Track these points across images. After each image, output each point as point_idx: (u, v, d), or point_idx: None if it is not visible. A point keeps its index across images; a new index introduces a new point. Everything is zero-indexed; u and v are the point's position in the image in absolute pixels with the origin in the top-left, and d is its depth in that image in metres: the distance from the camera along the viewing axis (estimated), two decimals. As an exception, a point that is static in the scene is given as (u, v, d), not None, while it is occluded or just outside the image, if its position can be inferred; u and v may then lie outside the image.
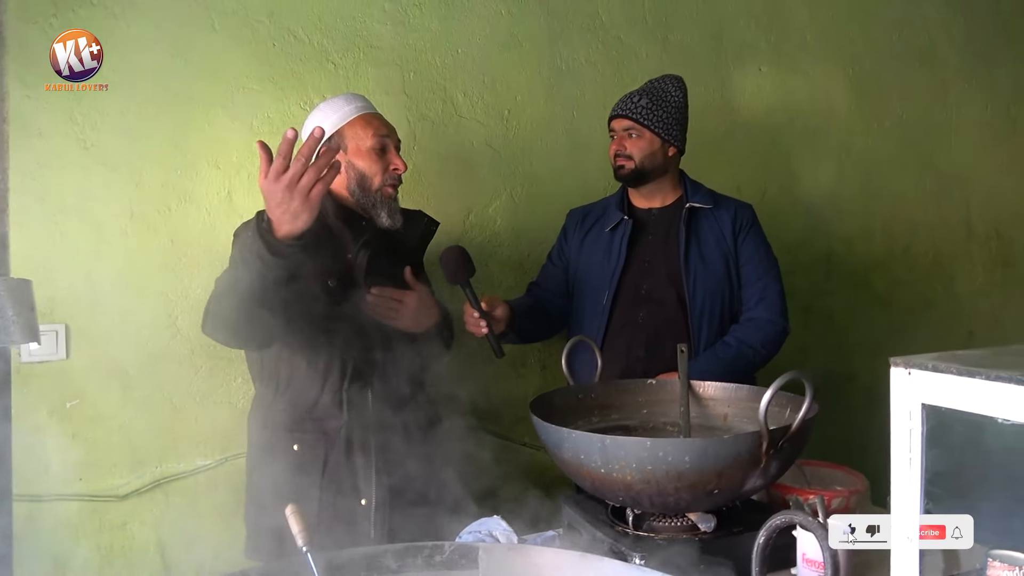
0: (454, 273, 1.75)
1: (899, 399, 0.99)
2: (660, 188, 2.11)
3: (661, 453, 1.19)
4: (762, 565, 1.11)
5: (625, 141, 2.05)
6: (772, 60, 2.78)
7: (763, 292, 2.06)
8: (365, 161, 1.73)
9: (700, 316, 2.03)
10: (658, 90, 2.06)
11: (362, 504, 1.64)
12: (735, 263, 2.07)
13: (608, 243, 2.09)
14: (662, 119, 2.03)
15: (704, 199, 2.08)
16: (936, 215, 3.14)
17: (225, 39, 2.04)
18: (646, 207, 2.13)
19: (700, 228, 2.07)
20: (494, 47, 2.34)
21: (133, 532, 1.95)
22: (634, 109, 2.03)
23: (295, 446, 1.64)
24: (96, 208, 1.92)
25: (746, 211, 2.12)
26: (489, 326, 1.75)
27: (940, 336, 3.13)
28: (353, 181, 1.74)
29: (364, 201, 1.75)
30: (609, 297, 2.05)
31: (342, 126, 1.74)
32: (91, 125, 1.91)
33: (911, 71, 3.07)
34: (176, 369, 1.98)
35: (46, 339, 1.86)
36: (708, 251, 2.05)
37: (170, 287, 1.99)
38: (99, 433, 1.92)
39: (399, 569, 1.24)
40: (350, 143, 1.74)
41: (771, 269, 2.10)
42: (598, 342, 2.03)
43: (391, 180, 1.77)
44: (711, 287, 2.04)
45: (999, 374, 0.88)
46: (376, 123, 1.77)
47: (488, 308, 1.77)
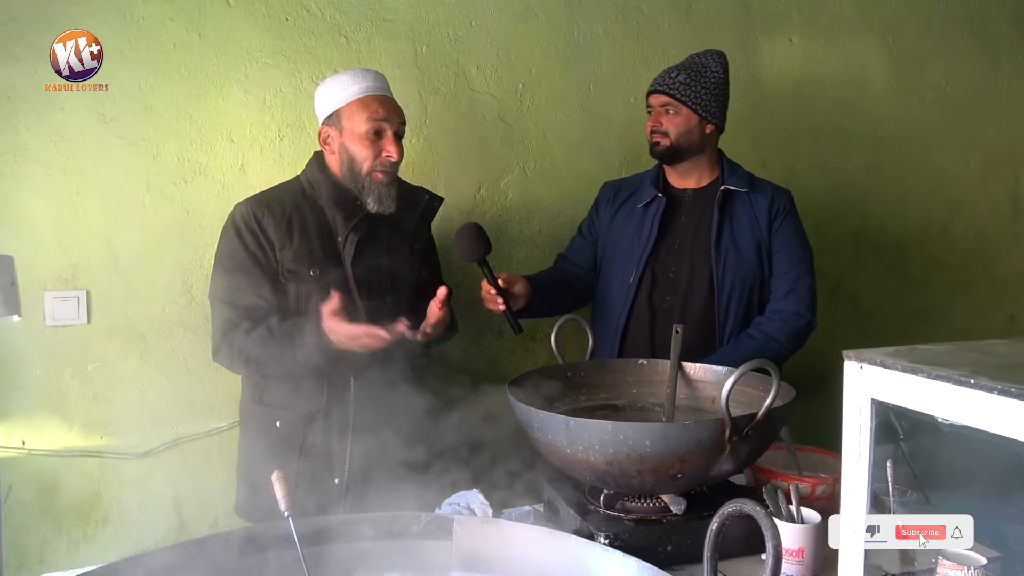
0: (470, 251, 1.74)
1: (851, 393, 0.97)
2: (696, 167, 2.06)
3: (622, 436, 1.20)
4: (714, 551, 1.11)
5: (662, 117, 2.01)
6: (804, 31, 2.68)
7: (793, 283, 2.01)
8: (357, 145, 1.73)
9: (728, 301, 1.99)
10: (698, 65, 2.01)
11: (335, 483, 1.69)
12: (767, 250, 2.01)
13: (640, 220, 2.05)
14: (700, 95, 1.97)
15: (740, 182, 2.03)
16: (980, 192, 3.01)
17: (240, 14, 2.07)
18: (681, 187, 2.08)
19: (734, 211, 2.02)
20: (509, 19, 2.32)
21: (151, 488, 2.05)
22: (672, 84, 1.99)
23: (277, 422, 1.71)
24: (115, 180, 2.00)
25: (783, 197, 2.05)
26: (507, 303, 1.75)
27: (978, 321, 3.02)
28: (344, 165, 1.75)
29: (353, 186, 1.76)
30: (636, 276, 2.02)
31: (341, 106, 1.74)
32: (110, 99, 1.98)
33: (958, 41, 2.92)
34: (191, 335, 2.07)
35: (68, 304, 1.96)
36: (741, 235, 2.00)
37: (185, 256, 2.06)
38: (119, 394, 2.03)
39: (376, 537, 1.28)
40: (345, 125, 1.74)
41: (804, 260, 2.04)
42: (621, 321, 2.03)
43: (381, 166, 1.74)
44: (741, 272, 1.99)
45: (939, 373, 0.85)
46: (374, 106, 1.74)
47: (506, 285, 1.76)
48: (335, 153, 1.77)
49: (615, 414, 1.64)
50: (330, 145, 1.77)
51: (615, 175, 2.42)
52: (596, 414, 1.62)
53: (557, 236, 2.40)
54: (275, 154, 2.12)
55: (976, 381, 0.81)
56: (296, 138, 2.12)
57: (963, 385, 0.82)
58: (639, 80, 2.46)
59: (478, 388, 2.10)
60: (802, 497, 1.41)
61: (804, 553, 1.26)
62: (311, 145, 1.89)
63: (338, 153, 1.75)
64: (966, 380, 0.82)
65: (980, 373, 0.82)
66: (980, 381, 0.80)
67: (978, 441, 0.91)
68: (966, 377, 0.82)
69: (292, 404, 1.72)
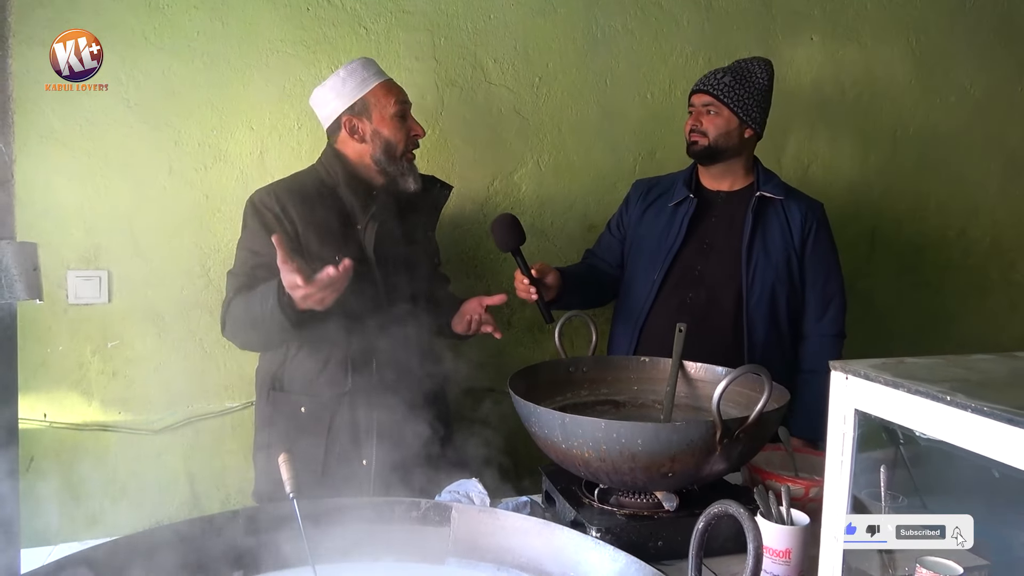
0: (505, 240, 1.79)
1: (835, 403, 0.99)
2: (731, 170, 2.08)
3: (615, 434, 1.23)
4: (699, 549, 1.14)
5: (702, 117, 2.02)
6: (826, 29, 2.66)
7: (828, 302, 2.07)
8: (390, 128, 1.78)
9: (756, 306, 2.01)
10: (743, 70, 2.03)
11: (363, 464, 1.74)
12: (798, 260, 2.04)
13: (670, 218, 2.08)
14: (743, 99, 1.99)
15: (775, 190, 2.04)
16: (999, 197, 2.98)
17: (262, 3, 2.11)
18: (715, 188, 2.10)
19: (767, 219, 2.04)
20: (527, 13, 2.33)
21: (165, 463, 2.13)
22: (716, 85, 2.01)
23: (302, 408, 1.75)
24: (138, 164, 2.06)
25: (816, 210, 2.07)
26: (539, 292, 1.79)
27: (993, 326, 3.00)
28: (379, 149, 1.79)
29: (391, 169, 1.80)
30: (661, 273, 2.04)
31: (365, 93, 1.78)
32: (135, 85, 2.03)
33: (984, 43, 2.88)
34: (207, 317, 2.13)
35: (90, 284, 2.03)
36: (772, 243, 2.02)
37: (204, 240, 2.12)
38: (137, 372, 2.10)
39: (376, 520, 1.33)
40: (374, 111, 1.78)
41: (836, 276, 2.09)
42: (643, 316, 2.06)
43: (413, 145, 1.83)
44: (771, 279, 2.01)
45: (918, 388, 0.87)
46: (396, 89, 1.82)
47: (539, 275, 1.81)
48: (367, 141, 1.79)
49: (615, 410, 1.67)
50: (360, 133, 1.79)
51: (629, 171, 2.44)
52: (597, 409, 1.66)
53: (569, 229, 2.43)
54: (293, 142, 2.16)
55: (952, 398, 0.83)
56: (314, 127, 2.16)
57: (940, 401, 0.84)
58: (656, 76, 2.47)
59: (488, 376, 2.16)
60: (797, 498, 1.44)
61: (791, 554, 1.29)
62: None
63: (371, 140, 1.79)
64: (943, 397, 0.84)
65: (958, 390, 0.84)
66: (956, 398, 0.82)
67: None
68: (943, 394, 0.84)
69: (316, 389, 1.76)
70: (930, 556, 1.09)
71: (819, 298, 2.06)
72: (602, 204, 2.40)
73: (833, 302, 2.07)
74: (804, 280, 2.04)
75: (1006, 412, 0.76)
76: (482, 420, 2.07)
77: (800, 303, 2.06)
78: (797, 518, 1.33)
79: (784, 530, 1.29)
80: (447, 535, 1.29)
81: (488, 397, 2.28)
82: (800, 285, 2.05)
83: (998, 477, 0.91)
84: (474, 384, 2.33)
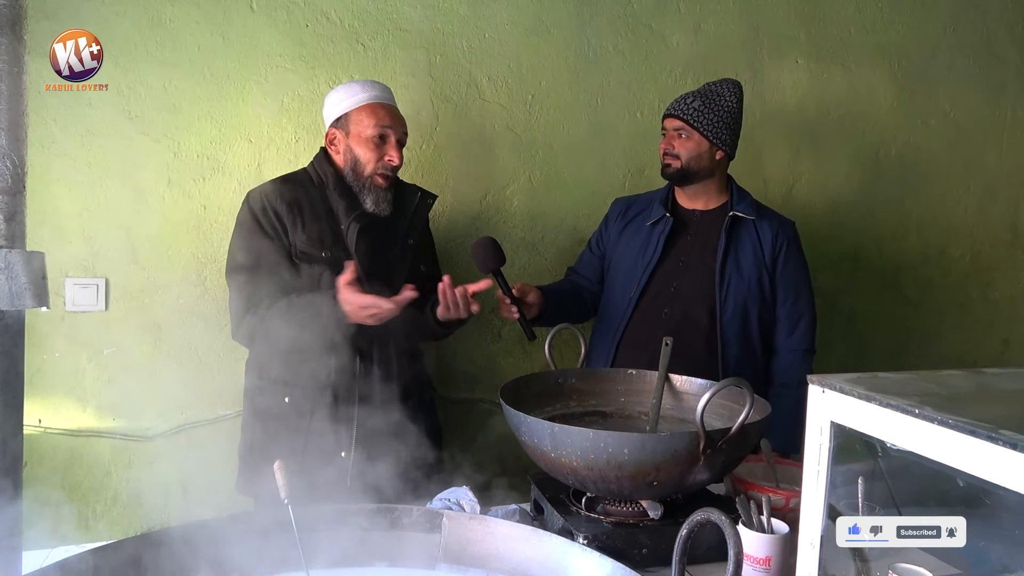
0: (485, 263, 1.85)
1: (813, 415, 1.04)
2: (705, 190, 2.14)
3: (602, 444, 1.28)
4: (682, 556, 1.19)
5: (674, 140, 2.08)
6: (811, 53, 2.74)
7: (798, 319, 2.12)
8: (362, 148, 1.86)
9: (729, 323, 2.07)
10: (713, 93, 2.08)
11: (342, 456, 1.78)
12: (770, 277, 2.09)
13: (647, 237, 2.13)
14: (712, 122, 2.05)
15: (747, 209, 2.10)
16: (978, 217, 3.05)
17: (262, 19, 2.16)
18: (690, 207, 2.16)
19: (740, 237, 2.10)
20: (521, 32, 2.39)
21: (159, 471, 2.15)
22: (686, 110, 2.07)
23: (286, 398, 1.80)
24: (137, 174, 2.09)
25: (788, 229, 2.14)
26: (520, 311, 1.85)
27: (971, 343, 3.07)
28: (348, 164, 1.88)
29: (354, 185, 1.89)
30: (638, 290, 2.10)
31: (350, 110, 1.87)
32: (136, 97, 2.07)
33: (964, 67, 2.97)
34: (203, 325, 2.16)
35: (88, 291, 2.06)
36: (744, 261, 2.08)
37: (201, 250, 2.15)
38: (132, 379, 2.12)
39: (369, 527, 1.36)
40: (352, 128, 1.87)
41: (807, 293, 2.14)
42: (619, 331, 2.11)
43: (383, 170, 1.87)
44: (742, 296, 2.07)
45: (889, 401, 0.92)
46: (381, 113, 1.87)
47: (519, 294, 1.87)
48: (340, 154, 1.89)
49: (602, 421, 1.72)
50: (336, 146, 1.90)
51: (619, 187, 2.49)
52: (585, 420, 1.70)
53: (560, 244, 2.48)
54: (290, 155, 2.20)
55: (920, 411, 0.88)
56: (311, 141, 2.21)
57: (909, 414, 0.89)
58: (646, 95, 2.53)
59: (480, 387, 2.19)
60: (777, 508, 1.48)
61: (771, 561, 1.33)
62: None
63: (343, 154, 1.88)
64: (911, 410, 0.89)
65: (927, 404, 0.89)
66: (924, 411, 0.87)
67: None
68: (912, 407, 0.89)
69: (300, 380, 1.81)
70: (902, 564, 1.14)
71: (789, 315, 2.12)
72: (592, 219, 2.45)
73: (803, 318, 2.12)
74: (775, 297, 2.11)
75: (969, 425, 0.81)
76: (473, 429, 2.12)
77: (772, 319, 2.12)
78: (777, 527, 1.38)
79: (764, 538, 1.33)
80: (438, 541, 1.32)
81: (479, 407, 2.32)
82: (771, 302, 2.11)
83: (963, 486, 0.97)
84: (466, 394, 2.38)
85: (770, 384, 2.13)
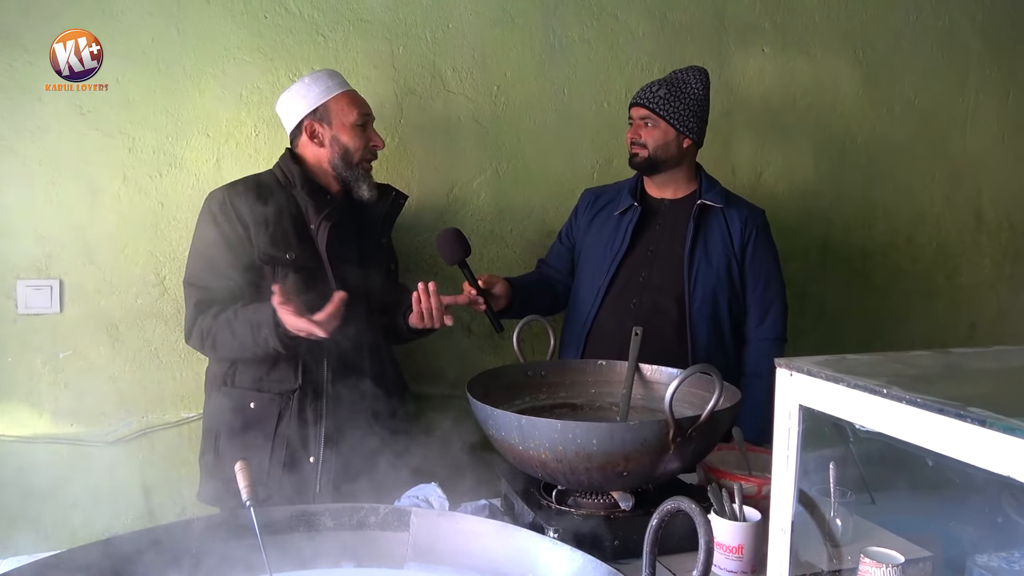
0: (450, 254, 1.82)
1: (781, 399, 1.02)
2: (673, 179, 2.12)
3: (571, 435, 1.25)
4: (652, 545, 1.17)
5: (641, 130, 2.06)
6: (776, 41, 2.74)
7: (768, 307, 2.11)
8: (349, 136, 1.84)
9: (699, 312, 2.05)
10: (679, 81, 2.06)
11: (310, 462, 1.74)
12: (739, 266, 2.08)
13: (615, 227, 2.11)
14: (679, 110, 2.03)
15: (716, 198, 2.08)
16: (944, 204, 3.08)
17: (218, 10, 2.10)
18: (659, 196, 2.14)
19: (708, 226, 2.08)
20: (485, 22, 2.36)
21: (119, 476, 2.09)
22: (651, 98, 2.04)
23: (251, 404, 1.75)
24: (91, 171, 2.03)
25: (757, 217, 2.12)
26: (487, 303, 1.82)
27: (939, 329, 3.10)
28: (336, 155, 1.84)
29: (346, 175, 1.86)
30: (606, 280, 2.08)
31: (328, 100, 1.83)
32: (88, 92, 2.00)
33: (928, 56, 2.99)
34: (163, 326, 2.10)
35: (41, 293, 1.99)
36: (713, 250, 2.07)
37: (159, 248, 2.09)
38: (90, 383, 2.05)
39: (336, 527, 1.32)
40: (335, 118, 1.83)
41: (777, 281, 2.13)
42: (588, 322, 2.09)
43: (370, 155, 1.88)
44: (711, 285, 2.06)
45: (857, 382, 0.91)
46: (359, 101, 1.88)
47: (486, 286, 1.84)
48: (325, 146, 1.84)
49: (573, 412, 1.69)
50: (319, 138, 1.85)
51: (587, 178, 2.47)
52: (555, 412, 1.67)
53: (528, 236, 2.46)
54: (250, 149, 2.15)
55: (889, 391, 0.86)
56: (271, 134, 2.15)
57: (877, 395, 0.88)
58: (613, 86, 2.51)
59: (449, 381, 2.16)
60: (750, 496, 1.47)
61: (743, 549, 1.32)
62: (286, 141, 1.94)
63: (329, 145, 1.83)
64: (880, 390, 0.87)
65: (895, 384, 0.88)
66: (892, 391, 0.86)
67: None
68: (880, 387, 0.87)
69: (266, 386, 1.77)
70: (874, 547, 1.13)
71: (759, 303, 2.10)
72: (561, 211, 2.43)
73: (773, 307, 2.11)
74: (745, 285, 2.09)
75: (937, 403, 0.80)
76: (441, 424, 2.07)
77: (742, 308, 2.11)
78: (749, 515, 1.37)
79: (736, 526, 1.32)
80: (406, 540, 1.29)
81: (448, 402, 2.28)
82: (741, 290, 2.09)
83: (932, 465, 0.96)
84: (434, 389, 2.34)
85: (741, 373, 2.12)
